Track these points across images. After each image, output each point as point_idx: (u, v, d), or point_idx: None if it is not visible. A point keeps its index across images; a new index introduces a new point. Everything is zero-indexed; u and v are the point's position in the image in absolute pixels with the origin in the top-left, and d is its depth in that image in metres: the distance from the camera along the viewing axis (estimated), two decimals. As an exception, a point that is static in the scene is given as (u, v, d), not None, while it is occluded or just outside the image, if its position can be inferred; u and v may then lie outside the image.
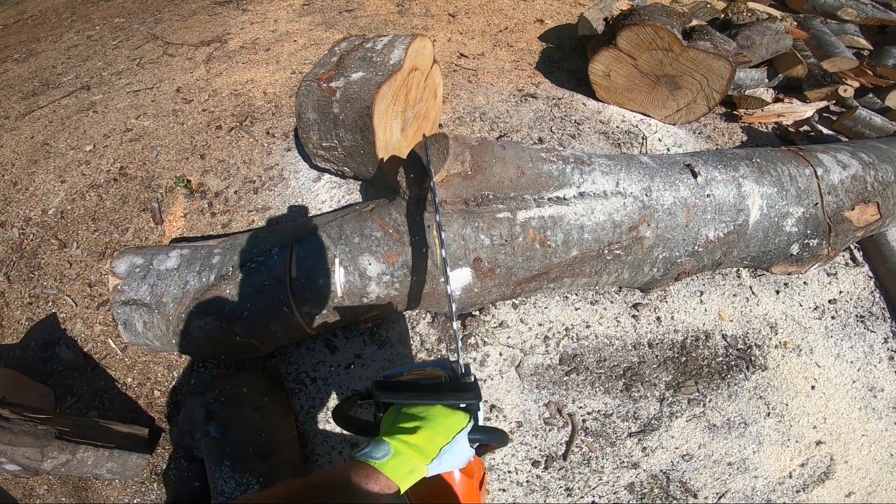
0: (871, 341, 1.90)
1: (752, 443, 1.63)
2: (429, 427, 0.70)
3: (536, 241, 1.33)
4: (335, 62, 1.57)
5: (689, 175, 1.49)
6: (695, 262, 1.57)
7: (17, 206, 2.08)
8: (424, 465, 0.67)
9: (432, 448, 0.68)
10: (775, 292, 1.95)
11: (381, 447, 0.66)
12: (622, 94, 2.35)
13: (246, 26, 3.06)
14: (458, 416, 0.73)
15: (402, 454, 0.66)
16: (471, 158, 1.21)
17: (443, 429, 0.70)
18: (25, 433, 1.34)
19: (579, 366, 1.69)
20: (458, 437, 0.70)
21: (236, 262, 1.36)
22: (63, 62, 2.95)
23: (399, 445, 0.67)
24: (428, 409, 0.73)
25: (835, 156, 1.71)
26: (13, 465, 1.35)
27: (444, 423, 0.71)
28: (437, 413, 0.72)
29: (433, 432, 0.69)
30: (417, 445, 0.67)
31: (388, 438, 0.68)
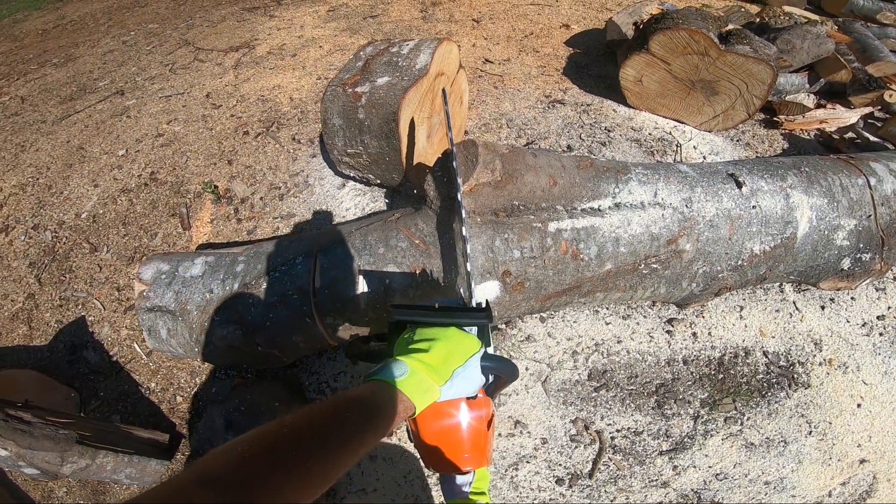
0: None
1: (792, 461, 1.55)
2: (443, 347, 0.68)
3: (568, 254, 1.27)
4: (361, 67, 1.55)
5: (732, 185, 1.40)
6: (738, 278, 1.48)
7: (52, 210, 2.13)
8: (438, 387, 0.65)
9: (446, 369, 0.66)
10: (820, 308, 1.84)
11: (397, 366, 0.64)
12: (655, 100, 2.27)
13: (273, 32, 3.10)
14: (471, 339, 0.72)
15: (419, 373, 0.64)
16: (501, 167, 1.16)
17: (457, 350, 0.69)
18: (46, 437, 1.34)
19: (609, 382, 1.62)
20: (471, 361, 0.69)
21: (260, 270, 1.34)
22: (99, 67, 3.05)
23: (415, 364, 0.65)
24: (441, 331, 0.71)
25: (887, 164, 1.61)
26: (32, 468, 1.35)
27: (459, 344, 0.70)
28: (451, 334, 0.71)
29: (447, 353, 0.68)
30: (432, 365, 0.65)
31: (404, 357, 0.66)
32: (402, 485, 1.44)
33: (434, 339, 0.69)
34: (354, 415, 0.56)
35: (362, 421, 0.56)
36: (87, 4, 4.26)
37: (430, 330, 0.72)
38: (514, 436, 1.53)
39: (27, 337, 1.78)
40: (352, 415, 0.56)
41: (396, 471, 1.47)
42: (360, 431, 0.56)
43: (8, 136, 2.56)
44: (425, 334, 0.71)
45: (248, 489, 0.44)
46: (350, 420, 0.55)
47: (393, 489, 1.43)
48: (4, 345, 1.77)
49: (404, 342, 0.71)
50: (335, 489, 1.43)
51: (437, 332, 0.71)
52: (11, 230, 2.08)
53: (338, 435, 0.53)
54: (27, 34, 3.92)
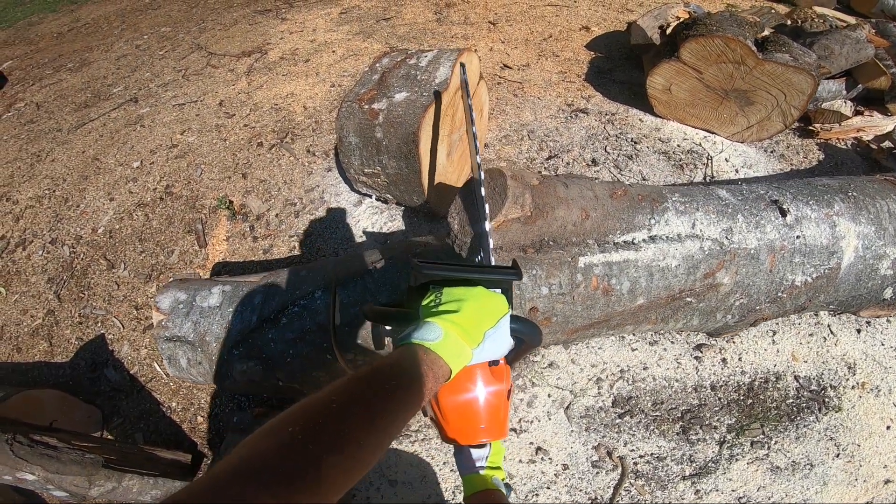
0: None
1: (817, 483, 1.51)
2: (473, 308, 0.64)
3: (599, 289, 1.21)
4: (377, 81, 1.48)
5: (775, 213, 1.32)
6: (776, 309, 1.40)
7: (68, 224, 2.12)
8: (471, 350, 0.62)
9: (478, 331, 0.63)
10: (856, 331, 1.78)
11: (430, 328, 0.61)
12: (684, 109, 2.16)
13: (285, 36, 3.04)
14: (500, 300, 0.69)
15: (452, 335, 0.61)
16: (531, 201, 1.09)
17: (487, 311, 0.66)
18: (73, 462, 1.34)
19: (634, 408, 1.59)
20: (501, 322, 0.66)
21: (278, 303, 1.31)
22: (113, 73, 3.03)
23: (448, 326, 0.61)
24: (469, 290, 0.67)
25: None
26: (61, 491, 1.36)
27: (488, 304, 0.66)
28: (480, 294, 0.67)
29: (478, 314, 0.64)
30: (465, 327, 0.62)
31: (435, 319, 0.62)
32: None
33: (463, 300, 0.65)
34: (399, 383, 0.54)
35: (405, 388, 0.54)
36: (101, 7, 4.23)
37: (457, 290, 0.68)
38: (535, 462, 1.50)
39: (48, 353, 1.78)
40: (396, 383, 0.53)
41: (416, 496, 1.44)
42: (406, 400, 0.53)
43: (23, 145, 2.54)
44: (453, 294, 0.67)
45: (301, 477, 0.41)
46: (395, 389, 0.53)
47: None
48: (26, 360, 1.77)
49: (431, 303, 0.67)
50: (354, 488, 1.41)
51: (464, 291, 0.67)
52: (29, 244, 2.08)
53: (384, 407, 0.51)
54: (42, 37, 3.91)
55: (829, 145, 2.30)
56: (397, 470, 1.49)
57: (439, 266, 0.70)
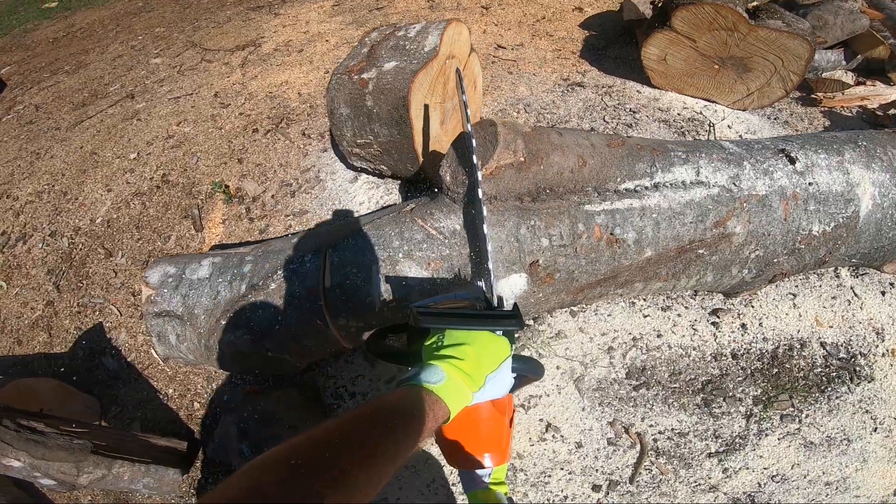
0: None
1: (856, 460, 1.43)
2: (475, 353, 0.66)
3: (603, 240, 1.14)
4: (366, 53, 1.45)
5: (783, 161, 1.25)
6: (794, 262, 1.32)
7: (67, 216, 2.12)
8: (472, 393, 0.64)
9: (479, 375, 0.65)
10: (881, 293, 1.69)
11: (433, 371, 0.63)
12: (681, 79, 2.12)
13: (279, 29, 3.07)
14: (502, 343, 0.71)
15: (455, 379, 0.63)
16: (524, 147, 1.04)
17: (489, 355, 0.68)
18: (60, 447, 1.30)
19: (650, 380, 1.51)
20: (503, 365, 0.68)
21: (268, 270, 1.26)
22: (109, 72, 3.05)
23: (451, 369, 0.63)
24: (471, 334, 0.69)
25: None
26: (48, 479, 1.31)
27: (490, 348, 0.68)
28: (482, 338, 0.69)
29: (479, 358, 0.66)
30: (467, 371, 0.64)
31: (438, 362, 0.64)
32: (425, 493, 1.36)
33: (465, 344, 0.67)
34: (398, 423, 0.55)
35: (405, 429, 0.55)
36: (95, 12, 4.29)
37: (460, 333, 0.69)
38: (546, 440, 1.43)
39: (47, 344, 1.77)
40: (396, 423, 0.55)
41: (420, 479, 1.39)
42: (404, 440, 0.54)
43: (23, 145, 2.57)
44: (455, 338, 0.68)
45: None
46: (394, 429, 0.54)
47: (416, 497, 1.36)
48: (26, 353, 1.76)
49: (433, 345, 0.69)
50: None
51: (466, 335, 0.69)
52: (29, 238, 2.08)
53: (383, 444, 0.52)
54: (38, 43, 3.97)
55: (833, 113, 2.25)
56: None
57: (439, 319, 0.72)
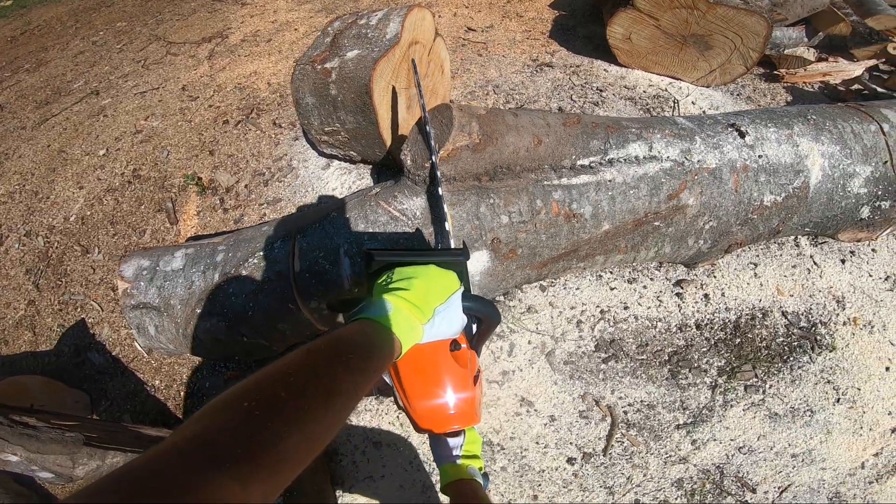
0: None
1: (820, 432, 1.46)
2: (423, 284, 0.65)
3: (561, 215, 1.19)
4: (329, 43, 1.46)
5: (734, 135, 1.30)
6: (748, 232, 1.38)
7: (41, 215, 2.10)
8: (421, 326, 0.62)
9: (428, 307, 0.63)
10: (840, 262, 1.73)
11: (381, 304, 0.61)
12: (647, 57, 2.16)
13: (246, 19, 3.02)
14: (451, 276, 0.70)
15: (402, 310, 0.61)
16: (479, 129, 1.07)
17: (437, 287, 0.66)
18: (53, 441, 1.32)
19: (618, 352, 1.54)
20: (452, 299, 0.66)
21: (239, 258, 1.28)
22: (72, 69, 2.98)
23: (398, 301, 0.61)
24: (420, 269, 0.69)
25: None
26: (46, 472, 1.34)
27: (438, 281, 0.67)
28: (429, 271, 0.69)
29: (427, 290, 0.65)
30: (414, 302, 0.62)
31: (386, 296, 0.63)
32: (408, 470, 1.40)
33: (413, 278, 0.66)
34: (353, 357, 0.52)
35: (361, 362, 0.52)
36: (52, 8, 4.15)
37: (409, 269, 0.69)
38: (521, 415, 1.46)
39: (33, 343, 1.78)
40: (351, 357, 0.52)
41: (402, 457, 1.43)
42: (361, 373, 0.51)
43: (-11, 146, 2.53)
44: (404, 273, 0.67)
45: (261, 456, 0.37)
46: (350, 362, 0.51)
47: (400, 475, 1.39)
48: (12, 352, 1.77)
49: (383, 282, 0.68)
50: (344, 477, 1.40)
51: (414, 270, 0.68)
52: (5, 239, 2.07)
53: (341, 382, 0.49)
54: (-5, 42, 3.85)
55: (796, 88, 2.30)
56: (380, 432, 1.47)
57: (390, 252, 0.73)
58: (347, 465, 1.42)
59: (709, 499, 1.38)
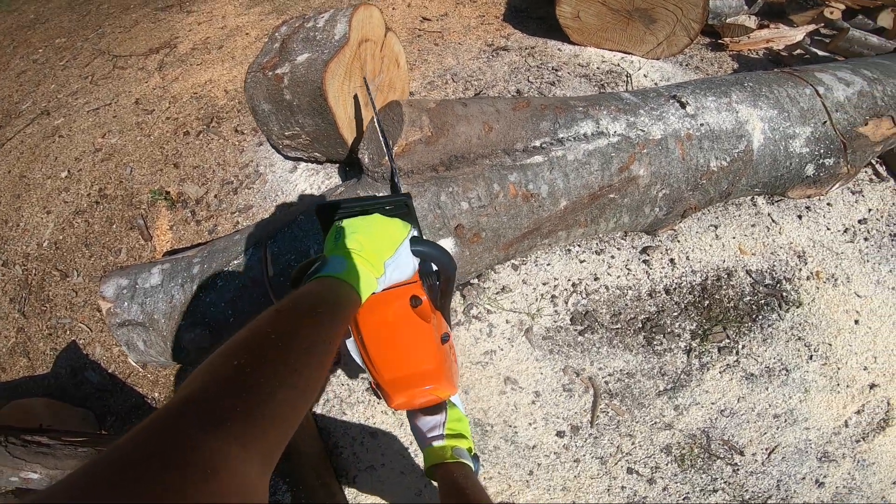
0: None
1: (798, 391, 1.47)
2: (370, 236, 0.66)
3: (519, 196, 1.24)
4: (278, 48, 1.47)
5: (676, 106, 1.36)
6: (700, 196, 1.45)
7: (14, 244, 2.08)
8: (375, 277, 0.63)
9: (378, 261, 0.64)
10: (797, 217, 1.78)
11: (335, 261, 0.62)
12: (597, 34, 2.21)
13: (194, 27, 2.94)
14: (397, 223, 0.70)
15: (355, 263, 0.62)
16: (429, 122, 1.11)
17: (384, 235, 0.67)
18: (68, 456, 1.35)
19: (593, 323, 1.56)
20: (400, 248, 0.67)
21: (215, 269, 1.31)
22: (17, 90, 2.89)
23: (349, 255, 0.63)
24: (364, 222, 0.69)
25: (835, 74, 1.60)
26: None
27: (385, 230, 0.68)
28: (375, 220, 0.69)
29: (374, 243, 0.65)
30: (363, 254, 0.63)
31: (337, 252, 0.64)
32: (406, 456, 1.43)
33: (359, 230, 0.66)
34: (323, 311, 0.53)
35: (331, 316, 0.54)
36: None
37: (355, 221, 0.68)
38: (506, 393, 1.48)
39: (29, 368, 1.79)
40: (322, 311, 0.53)
41: (398, 444, 1.46)
42: (332, 327, 0.53)
43: (-55, 178, 2.46)
44: (351, 226, 0.67)
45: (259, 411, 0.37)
46: (321, 317, 0.52)
47: (399, 462, 1.42)
48: (10, 378, 1.78)
49: (333, 239, 0.68)
50: (346, 468, 1.43)
51: (360, 221, 0.68)
52: None
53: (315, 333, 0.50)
54: (-73, 69, 3.69)
55: (741, 56, 2.36)
56: (375, 422, 1.50)
57: (332, 203, 0.72)
58: (348, 456, 1.45)
59: (699, 463, 1.40)
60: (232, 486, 0.31)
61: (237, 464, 0.33)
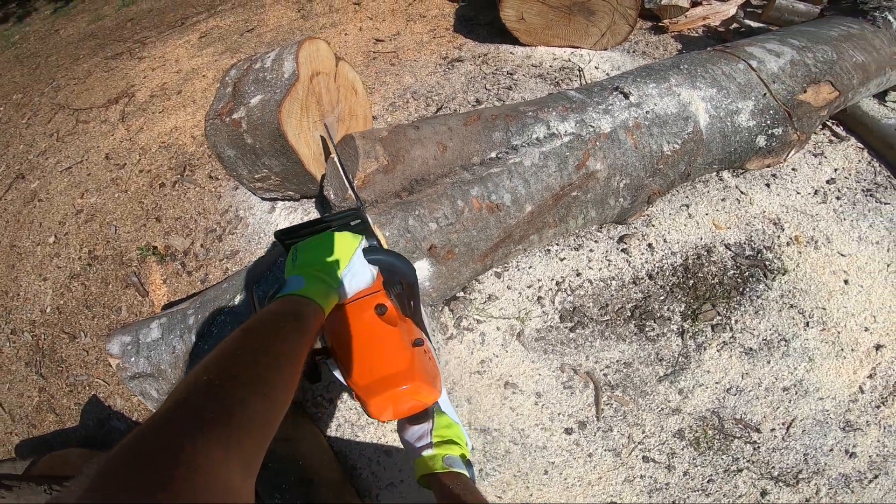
0: (890, 214, 1.69)
1: (802, 361, 1.43)
2: (321, 252, 0.71)
3: (483, 209, 1.28)
4: (230, 93, 1.50)
5: (620, 97, 1.41)
6: (661, 181, 1.49)
7: (18, 313, 2.12)
8: (333, 288, 0.68)
9: (332, 275, 0.68)
10: (765, 186, 1.79)
11: (293, 280, 0.66)
12: (543, 32, 2.28)
13: (148, 74, 2.94)
14: (347, 237, 0.74)
15: (313, 278, 0.67)
16: (384, 151, 1.16)
17: (335, 250, 0.72)
18: None
19: (582, 318, 1.56)
20: (353, 260, 0.72)
21: (208, 318, 1.38)
22: (-13, 152, 2.88)
23: (306, 272, 0.68)
24: (316, 242, 0.73)
25: (763, 46, 1.65)
26: None
27: (337, 246, 0.72)
28: (327, 240, 0.73)
29: (326, 255, 0.71)
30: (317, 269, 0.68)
31: (294, 272, 0.69)
32: None
33: (312, 249, 0.72)
34: (288, 326, 0.58)
35: (296, 330, 0.58)
36: None
37: (308, 242, 0.74)
38: (508, 398, 1.48)
39: (58, 423, 1.84)
40: (286, 326, 0.58)
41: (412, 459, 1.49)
42: (298, 339, 0.57)
43: (-66, 256, 2.50)
44: (305, 247, 0.73)
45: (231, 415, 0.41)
46: (286, 331, 0.57)
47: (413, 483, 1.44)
48: (42, 433, 1.84)
49: (291, 261, 0.73)
50: (368, 489, 1.45)
51: (312, 241, 0.73)
52: None
53: (283, 348, 0.54)
54: None
55: (683, 36, 2.42)
56: (387, 440, 1.52)
57: (288, 230, 0.78)
58: (367, 476, 1.47)
59: (716, 445, 1.36)
60: (216, 485, 0.35)
61: (220, 465, 0.37)
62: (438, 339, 1.61)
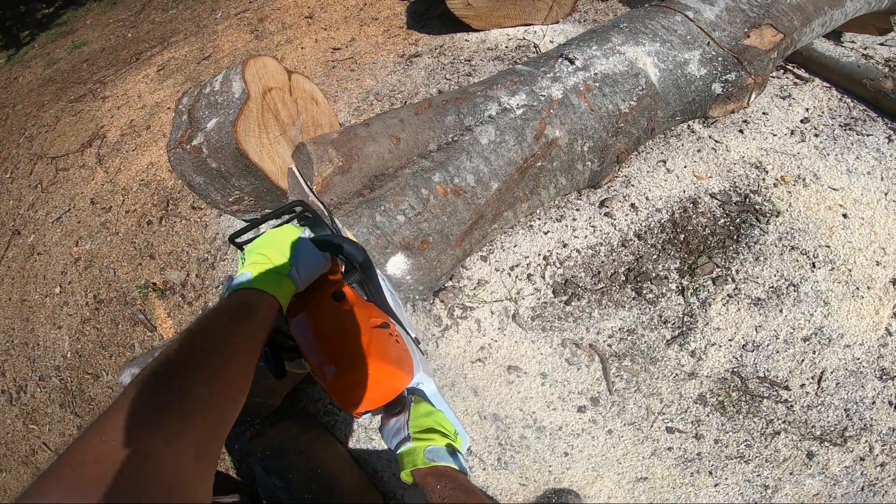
0: (875, 145, 1.66)
1: (817, 305, 1.31)
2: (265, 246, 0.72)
3: (449, 193, 1.29)
4: (186, 120, 1.53)
5: (566, 63, 1.41)
6: (626, 139, 1.48)
7: (41, 361, 2.22)
8: (285, 275, 0.69)
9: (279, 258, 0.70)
10: (739, 132, 1.77)
11: (241, 276, 0.68)
12: (493, 14, 2.29)
13: (115, 113, 2.99)
14: (287, 229, 0.77)
15: (259, 271, 0.68)
16: (336, 152, 1.17)
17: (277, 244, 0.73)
18: None
19: (576, 290, 1.50)
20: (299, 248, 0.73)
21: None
22: (-20, 211, 2.98)
23: (252, 267, 0.69)
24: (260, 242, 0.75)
25: None
26: None
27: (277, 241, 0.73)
28: (269, 234, 0.76)
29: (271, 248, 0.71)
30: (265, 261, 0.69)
31: (242, 269, 0.71)
32: None
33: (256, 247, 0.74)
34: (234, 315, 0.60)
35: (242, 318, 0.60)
36: None
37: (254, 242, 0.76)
38: (513, 382, 1.43)
39: None
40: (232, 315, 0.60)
41: None
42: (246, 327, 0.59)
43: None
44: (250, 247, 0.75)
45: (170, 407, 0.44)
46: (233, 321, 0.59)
47: None
48: None
49: (240, 263, 0.75)
50: (392, 491, 1.44)
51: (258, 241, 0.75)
52: (26, 388, 2.19)
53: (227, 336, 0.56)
54: None
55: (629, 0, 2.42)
56: None
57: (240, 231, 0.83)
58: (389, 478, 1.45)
59: (744, 407, 1.25)
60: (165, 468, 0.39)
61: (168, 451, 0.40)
62: (434, 332, 1.62)
